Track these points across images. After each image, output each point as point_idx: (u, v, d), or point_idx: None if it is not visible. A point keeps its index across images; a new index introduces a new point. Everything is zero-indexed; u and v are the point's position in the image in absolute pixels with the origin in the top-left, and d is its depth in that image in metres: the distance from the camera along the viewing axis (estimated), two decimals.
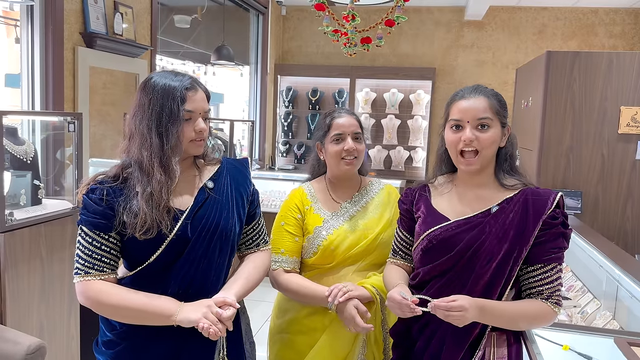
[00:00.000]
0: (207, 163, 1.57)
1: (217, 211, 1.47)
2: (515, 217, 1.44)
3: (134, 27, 3.50)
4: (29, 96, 2.86)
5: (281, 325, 1.83)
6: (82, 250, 1.39)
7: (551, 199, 1.44)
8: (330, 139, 1.81)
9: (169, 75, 1.43)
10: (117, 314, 1.39)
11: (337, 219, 1.81)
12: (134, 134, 1.40)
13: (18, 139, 2.33)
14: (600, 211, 3.57)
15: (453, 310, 1.32)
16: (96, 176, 1.43)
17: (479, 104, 1.46)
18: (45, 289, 2.26)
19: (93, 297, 1.37)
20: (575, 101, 3.56)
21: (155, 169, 1.36)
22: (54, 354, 2.31)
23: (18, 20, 2.96)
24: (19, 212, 2.18)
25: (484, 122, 1.45)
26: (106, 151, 3.31)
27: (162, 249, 1.39)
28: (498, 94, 1.52)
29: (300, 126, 6.88)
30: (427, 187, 1.63)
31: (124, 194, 1.38)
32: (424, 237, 1.51)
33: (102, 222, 1.37)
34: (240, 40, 5.99)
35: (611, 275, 2.28)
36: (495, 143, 1.47)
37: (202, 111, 1.44)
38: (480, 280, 1.43)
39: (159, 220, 1.35)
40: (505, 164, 1.52)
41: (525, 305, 1.45)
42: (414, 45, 6.54)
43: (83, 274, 1.38)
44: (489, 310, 1.38)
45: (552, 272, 1.44)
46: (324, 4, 3.43)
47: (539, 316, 1.44)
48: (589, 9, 6.06)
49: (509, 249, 1.41)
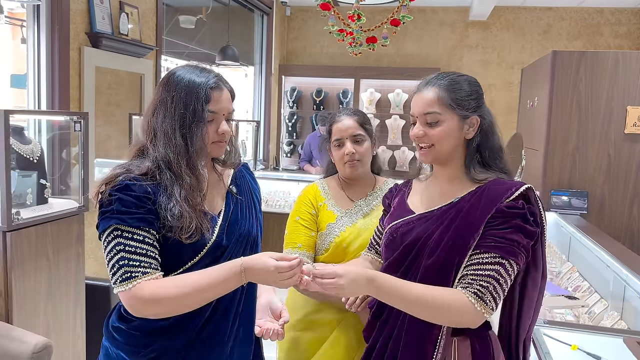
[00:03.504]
0: (224, 167, 1.48)
1: (246, 216, 1.42)
2: (466, 206, 1.32)
3: (139, 27, 3.51)
4: (35, 96, 2.87)
5: (290, 323, 1.83)
6: (130, 251, 1.21)
7: (513, 189, 1.29)
8: (333, 144, 1.83)
9: (193, 70, 1.33)
10: (182, 303, 1.22)
11: (351, 216, 1.81)
12: (157, 132, 1.30)
13: (25, 139, 2.33)
14: (606, 211, 3.55)
15: (325, 277, 1.22)
16: (118, 173, 1.28)
17: (425, 99, 1.35)
18: (51, 288, 2.27)
19: (149, 296, 1.19)
20: (581, 101, 3.55)
21: (184, 172, 1.28)
22: (60, 353, 2.31)
23: (24, 20, 2.97)
24: (26, 211, 2.18)
25: (430, 118, 1.34)
26: (111, 151, 3.31)
27: (203, 254, 1.30)
28: (457, 82, 1.36)
29: (305, 127, 6.88)
30: (410, 183, 1.56)
31: (160, 193, 1.27)
32: (386, 231, 1.45)
33: (150, 216, 1.24)
34: (245, 41, 6.00)
35: (618, 276, 2.27)
36: (449, 137, 1.34)
37: (226, 112, 1.36)
38: (428, 272, 1.30)
39: (202, 223, 1.28)
40: (475, 156, 1.38)
41: (435, 291, 1.25)
42: (418, 46, 6.53)
43: (140, 275, 1.21)
44: (379, 283, 1.24)
45: (486, 262, 1.24)
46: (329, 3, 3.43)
47: (449, 307, 1.23)
48: (594, 8, 6.04)
49: (454, 237, 1.29)
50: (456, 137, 1.36)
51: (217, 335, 1.36)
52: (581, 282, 2.58)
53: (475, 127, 1.36)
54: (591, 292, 2.45)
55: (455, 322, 1.28)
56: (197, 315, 1.31)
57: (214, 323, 1.35)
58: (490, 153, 1.38)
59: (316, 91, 6.68)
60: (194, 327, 1.32)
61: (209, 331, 1.35)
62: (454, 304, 1.23)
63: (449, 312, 1.24)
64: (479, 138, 1.37)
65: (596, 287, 2.48)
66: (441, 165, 1.43)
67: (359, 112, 1.86)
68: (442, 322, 1.29)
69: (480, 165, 1.39)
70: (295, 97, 6.75)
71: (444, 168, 1.43)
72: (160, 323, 1.30)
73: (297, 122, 6.81)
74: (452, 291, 1.26)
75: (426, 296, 1.24)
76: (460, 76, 1.40)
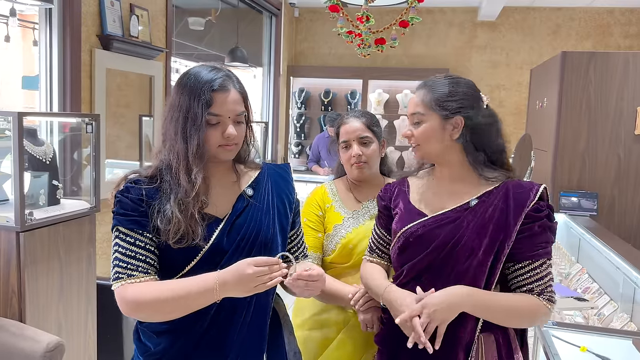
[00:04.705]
0: (247, 168, 1.45)
1: (256, 220, 1.35)
2: (495, 210, 1.35)
3: (149, 29, 3.53)
4: (47, 97, 2.90)
5: (298, 323, 1.84)
6: (122, 252, 1.26)
7: (534, 191, 1.36)
8: (340, 145, 1.85)
9: (203, 70, 1.30)
10: (160, 309, 1.23)
11: (358, 217, 1.82)
12: (165, 135, 1.31)
13: (37, 140, 2.36)
14: (616, 213, 3.53)
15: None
16: (127, 175, 1.34)
17: (413, 100, 1.45)
18: (63, 288, 2.29)
19: (131, 299, 1.22)
20: (591, 102, 3.54)
21: (181, 176, 1.27)
22: (72, 352, 2.33)
23: (36, 23, 3.00)
24: (38, 211, 2.20)
25: (415, 118, 1.42)
26: (120, 152, 3.34)
27: (197, 259, 1.28)
28: (441, 84, 1.41)
29: (313, 127, 6.89)
30: (406, 182, 1.55)
31: (159, 197, 1.29)
32: (400, 235, 1.44)
33: (143, 219, 1.27)
34: (254, 42, 6.02)
35: (628, 277, 2.26)
36: (432, 137, 1.39)
37: (233, 114, 1.30)
38: (462, 277, 1.34)
39: (193, 228, 1.25)
40: (478, 156, 1.40)
41: (519, 301, 1.34)
42: (427, 46, 6.52)
43: (125, 277, 1.24)
44: (475, 299, 1.31)
45: (542, 268, 1.34)
46: (338, 5, 3.44)
47: (535, 314, 1.34)
48: (604, 8, 6.01)
49: (490, 243, 1.33)
50: (439, 137, 1.40)
51: (217, 346, 1.32)
52: (591, 284, 2.58)
53: (459, 127, 1.38)
54: (601, 293, 2.44)
55: (531, 325, 1.45)
56: (196, 322, 1.30)
57: (215, 331, 1.32)
58: (489, 154, 1.42)
59: (324, 92, 6.69)
60: (193, 334, 1.31)
61: (208, 340, 1.32)
62: (536, 311, 1.33)
63: (533, 319, 1.37)
64: (468, 138, 1.39)
65: (606, 288, 2.47)
66: (438, 164, 1.46)
67: (366, 114, 1.86)
68: (520, 326, 1.43)
69: (486, 164, 1.42)
70: (304, 98, 6.76)
71: (444, 168, 1.45)
72: (163, 326, 1.31)
73: (305, 123, 6.82)
74: (528, 298, 1.34)
75: (516, 307, 1.33)
76: (451, 78, 1.43)
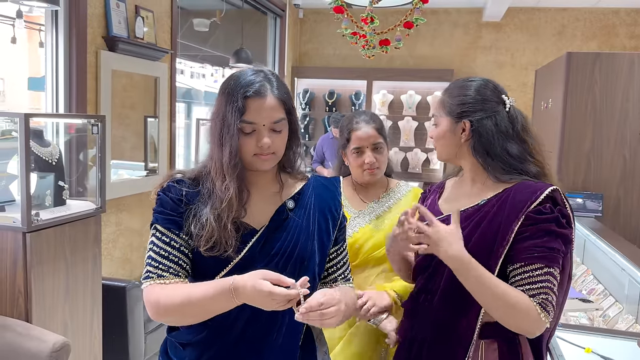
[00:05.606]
0: (293, 179, 1.39)
1: (294, 235, 1.28)
2: (495, 210, 1.31)
3: (154, 30, 3.55)
4: (53, 99, 2.92)
5: None
6: (156, 251, 1.23)
7: (539, 192, 1.27)
8: (351, 151, 1.81)
9: (244, 74, 1.25)
10: (182, 312, 1.19)
11: (364, 217, 1.82)
12: (209, 139, 1.28)
13: (44, 141, 2.37)
14: (621, 214, 3.52)
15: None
16: (173, 174, 1.32)
17: (434, 101, 1.53)
18: (69, 288, 2.30)
19: (153, 300, 1.19)
20: (596, 102, 3.53)
21: (217, 184, 1.23)
22: (78, 352, 2.34)
23: (41, 25, 3.02)
24: (44, 212, 2.22)
25: (434, 120, 1.49)
26: (125, 153, 3.35)
27: (227, 270, 1.23)
28: (454, 87, 1.44)
29: (317, 128, 6.89)
30: (443, 183, 1.57)
31: (197, 200, 1.25)
32: None
33: (181, 220, 1.24)
34: (258, 43, 6.04)
35: (634, 279, 2.25)
36: (444, 138, 1.43)
37: (269, 122, 1.23)
38: (454, 277, 1.29)
39: (225, 239, 1.20)
40: (489, 159, 1.36)
41: (508, 288, 1.24)
42: (431, 47, 6.52)
43: (155, 277, 1.21)
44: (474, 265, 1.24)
45: (536, 272, 1.23)
46: (342, 6, 3.45)
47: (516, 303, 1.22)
48: (610, 9, 5.99)
49: (478, 243, 1.30)
50: (451, 139, 1.42)
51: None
52: (596, 285, 2.57)
53: (466, 131, 1.38)
54: (606, 295, 2.43)
55: (517, 326, 1.26)
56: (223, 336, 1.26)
57: (244, 347, 1.27)
58: (502, 158, 1.35)
59: (329, 93, 6.70)
60: (220, 348, 1.27)
61: (236, 356, 1.27)
62: (525, 311, 1.22)
63: (520, 319, 1.23)
64: (476, 142, 1.37)
65: (611, 290, 2.46)
66: (455, 165, 1.50)
67: (376, 119, 1.84)
68: (508, 323, 1.26)
69: (502, 168, 1.36)
70: (308, 99, 6.77)
71: (465, 170, 1.47)
72: (189, 337, 1.30)
73: (309, 124, 6.83)
74: (522, 295, 1.23)
75: (506, 294, 1.22)
76: (464, 81, 1.44)
